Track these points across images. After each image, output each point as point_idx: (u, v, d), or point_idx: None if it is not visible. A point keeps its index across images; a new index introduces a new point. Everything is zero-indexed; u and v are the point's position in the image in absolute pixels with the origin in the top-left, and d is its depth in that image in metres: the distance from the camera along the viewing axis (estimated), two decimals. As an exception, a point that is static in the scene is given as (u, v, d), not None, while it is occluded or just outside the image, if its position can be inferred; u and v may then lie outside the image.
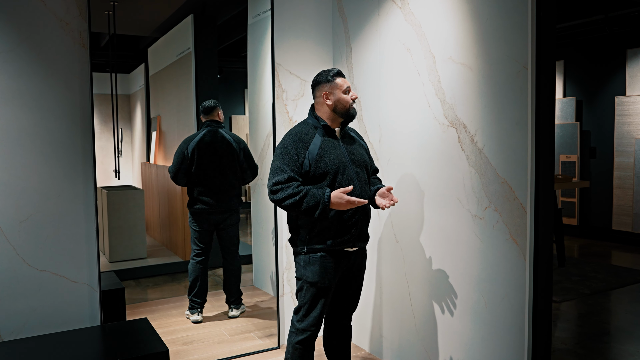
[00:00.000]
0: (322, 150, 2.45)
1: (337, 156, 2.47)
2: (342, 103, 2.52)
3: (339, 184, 2.44)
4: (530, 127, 2.24)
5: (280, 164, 2.43)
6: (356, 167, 2.53)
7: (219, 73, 6.91)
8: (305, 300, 2.51)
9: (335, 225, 2.46)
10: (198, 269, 4.18)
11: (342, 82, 2.52)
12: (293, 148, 2.44)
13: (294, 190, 2.37)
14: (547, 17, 2.24)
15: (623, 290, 4.99)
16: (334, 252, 2.50)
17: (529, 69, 2.23)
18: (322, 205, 2.34)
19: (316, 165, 2.43)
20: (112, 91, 6.94)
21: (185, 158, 4.11)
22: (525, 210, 2.28)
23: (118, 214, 6.13)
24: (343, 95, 2.52)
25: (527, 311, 2.31)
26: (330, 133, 2.53)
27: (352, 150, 2.56)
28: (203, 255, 4.20)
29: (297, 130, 2.52)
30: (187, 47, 6.17)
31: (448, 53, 2.64)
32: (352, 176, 2.48)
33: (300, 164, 2.43)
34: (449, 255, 2.70)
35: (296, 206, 2.37)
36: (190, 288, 4.20)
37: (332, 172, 2.44)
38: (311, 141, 2.47)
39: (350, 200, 2.34)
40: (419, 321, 2.93)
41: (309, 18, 3.44)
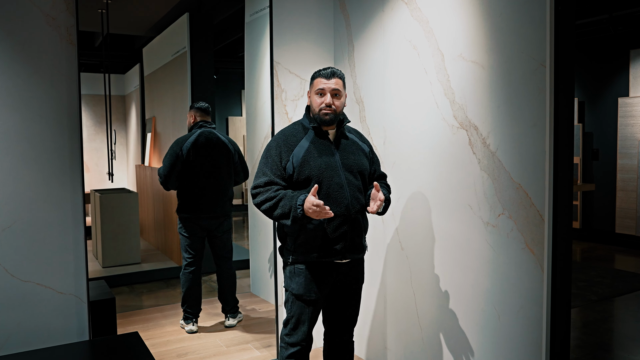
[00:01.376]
0: (308, 153, 2.30)
1: (325, 161, 2.30)
2: (313, 106, 2.36)
3: (325, 191, 2.27)
4: (548, 129, 2.10)
5: (262, 167, 2.34)
6: (348, 172, 2.34)
7: (215, 74, 6.77)
8: (292, 313, 2.39)
9: (320, 237, 2.29)
10: (190, 279, 3.98)
11: (316, 83, 2.35)
12: (276, 150, 2.33)
13: (271, 195, 2.26)
14: (567, 11, 2.09)
15: (630, 296, 4.86)
16: (321, 265, 2.34)
17: (547, 67, 2.08)
18: (293, 211, 2.18)
19: (300, 170, 2.28)
20: (106, 92, 6.79)
21: (179, 159, 3.84)
22: (543, 218, 2.13)
23: (111, 218, 5.98)
24: (314, 96, 2.35)
25: (544, 325, 2.16)
26: (322, 135, 2.36)
27: (346, 154, 2.37)
28: (195, 264, 3.99)
29: (285, 131, 2.40)
30: (182, 46, 6.03)
31: (458, 50, 2.49)
32: (342, 183, 2.29)
33: (283, 167, 2.29)
34: (459, 264, 2.55)
35: (271, 211, 2.25)
36: (184, 299, 4.02)
37: (317, 177, 2.27)
38: (297, 143, 2.33)
39: (314, 203, 2.11)
40: (426, 333, 2.78)
41: (309, 15, 3.29)
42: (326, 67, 2.37)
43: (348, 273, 2.42)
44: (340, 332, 2.53)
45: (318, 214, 2.14)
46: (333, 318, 2.51)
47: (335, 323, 2.51)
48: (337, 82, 2.34)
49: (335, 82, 2.33)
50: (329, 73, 2.33)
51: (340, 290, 2.45)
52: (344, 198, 2.29)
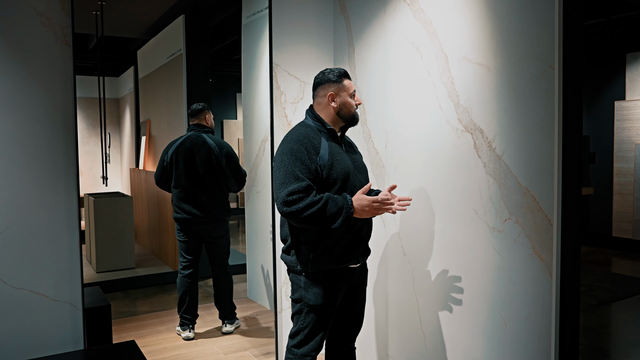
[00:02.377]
0: (332, 156, 2.24)
1: (345, 163, 2.30)
2: (348, 107, 2.35)
3: (349, 192, 2.25)
4: (557, 132, 2.05)
5: (293, 170, 2.14)
6: (360, 174, 2.37)
7: (210, 77, 6.71)
8: (306, 324, 2.28)
9: (345, 239, 2.25)
10: (186, 283, 3.92)
11: (349, 85, 2.36)
12: (305, 153, 2.17)
13: (314, 199, 2.10)
14: (575, 12, 2.05)
15: (630, 300, 4.84)
16: (339, 272, 2.29)
17: (556, 69, 2.04)
18: (345, 211, 2.12)
19: (329, 172, 2.21)
20: (100, 94, 6.71)
21: (164, 163, 3.88)
22: (552, 223, 2.08)
23: (105, 222, 5.90)
24: (349, 99, 2.35)
25: (553, 333, 2.11)
26: (335, 138, 2.35)
27: (354, 156, 2.42)
28: (191, 268, 3.93)
29: (303, 133, 2.26)
30: (178, 48, 5.96)
31: (462, 52, 2.44)
32: (356, 184, 2.31)
33: (315, 169, 2.18)
34: (464, 270, 2.49)
35: (319, 215, 2.09)
36: (180, 303, 3.95)
37: (342, 180, 2.24)
38: (320, 145, 2.24)
39: (376, 200, 2.14)
40: (430, 341, 2.72)
41: (309, 16, 3.24)
42: (339, 68, 2.37)
43: (358, 278, 2.41)
44: (346, 339, 2.48)
45: (379, 209, 2.15)
46: (340, 325, 2.45)
47: (342, 330, 2.46)
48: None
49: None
50: (349, 74, 2.40)
51: (350, 296, 2.41)
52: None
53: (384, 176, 3.01)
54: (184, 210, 3.83)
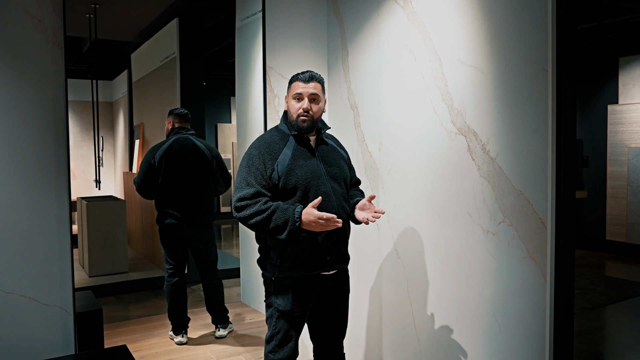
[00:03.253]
0: (293, 161, 2.17)
1: (311, 169, 2.19)
2: (290, 111, 2.24)
3: (307, 202, 2.15)
4: (550, 134, 2.05)
5: (246, 176, 2.14)
6: (333, 181, 2.25)
7: (204, 80, 6.69)
8: (278, 329, 2.25)
9: (309, 249, 2.18)
10: (173, 291, 3.85)
11: (294, 86, 2.23)
12: (260, 158, 2.15)
13: (261, 207, 2.07)
14: (569, 14, 2.05)
15: (623, 304, 4.84)
16: (308, 278, 2.23)
17: (549, 71, 2.04)
18: (290, 224, 2.05)
19: (286, 179, 2.14)
20: (93, 98, 6.68)
21: (151, 168, 3.72)
22: (546, 226, 2.08)
23: (98, 226, 5.85)
24: (292, 101, 2.23)
25: (547, 337, 2.10)
26: (303, 142, 2.24)
27: (329, 162, 2.28)
28: (177, 275, 3.85)
29: (265, 138, 2.23)
30: (171, 52, 5.94)
31: (456, 55, 2.44)
32: (328, 191, 2.20)
33: (269, 176, 2.14)
34: (458, 273, 2.48)
35: (263, 225, 2.07)
36: (169, 311, 3.90)
37: (303, 186, 2.15)
38: (281, 151, 2.18)
39: (322, 217, 2.01)
40: (424, 346, 2.71)
41: (302, 19, 3.23)
42: (304, 71, 2.25)
43: (334, 285, 2.32)
44: (331, 346, 2.41)
45: (326, 226, 2.04)
46: (323, 333, 2.38)
47: (325, 338, 2.39)
48: (315, 86, 2.22)
49: (314, 87, 2.21)
50: (307, 77, 2.21)
51: (328, 303, 2.34)
52: (331, 207, 2.20)
53: (377, 179, 3.00)
54: (172, 215, 3.74)
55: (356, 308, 3.21)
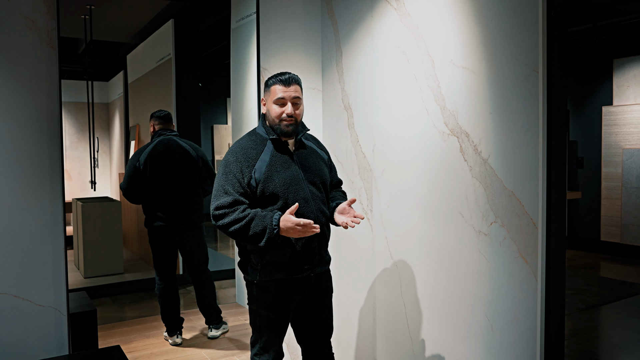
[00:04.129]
0: (270, 167, 2.14)
1: (289, 175, 2.17)
2: (271, 115, 2.19)
3: (287, 208, 2.14)
4: (541, 135, 2.06)
5: (222, 183, 2.11)
6: (312, 185, 2.23)
7: (200, 81, 6.69)
8: (262, 333, 2.25)
9: (290, 253, 2.18)
10: (164, 294, 3.84)
11: (275, 90, 2.17)
12: (237, 166, 2.12)
13: (238, 215, 2.06)
14: (559, 16, 2.07)
15: (617, 304, 4.87)
16: (290, 281, 2.22)
17: (540, 72, 2.05)
18: (268, 231, 2.04)
19: (264, 186, 2.12)
20: (88, 99, 6.67)
21: (136, 171, 3.68)
22: (536, 226, 2.09)
23: (93, 227, 5.85)
24: (273, 105, 2.18)
25: (538, 336, 2.11)
26: (281, 147, 2.21)
27: (308, 166, 2.25)
28: (166, 279, 3.84)
29: (242, 143, 2.18)
30: (167, 53, 5.95)
31: (448, 56, 2.46)
32: (307, 197, 2.19)
33: (247, 184, 2.11)
34: (450, 274, 2.50)
35: (242, 233, 2.05)
36: (162, 313, 3.90)
37: (282, 193, 2.14)
38: (258, 157, 2.15)
39: (299, 223, 2.01)
40: (417, 346, 2.72)
41: (296, 20, 3.24)
42: (283, 72, 2.20)
43: (317, 287, 2.32)
44: (318, 348, 2.41)
45: (304, 232, 2.03)
46: (309, 336, 2.38)
47: (311, 340, 2.39)
48: (296, 89, 2.19)
49: (295, 89, 2.18)
50: (287, 79, 2.17)
51: (311, 305, 2.34)
52: (310, 212, 2.18)
53: (371, 180, 3.01)
54: (160, 218, 3.72)
55: (350, 308, 3.22)
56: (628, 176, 7.07)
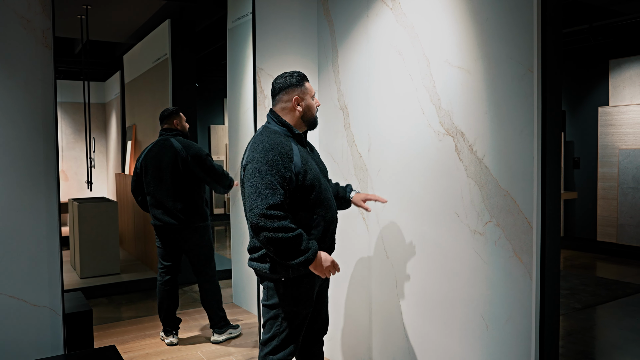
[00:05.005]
0: (304, 161, 2.20)
1: (315, 167, 2.28)
2: (311, 110, 2.33)
3: (322, 197, 2.24)
4: (536, 135, 2.07)
5: (269, 179, 2.07)
6: (324, 177, 2.37)
7: (197, 82, 6.69)
8: (283, 329, 2.25)
9: (327, 242, 2.29)
10: (163, 291, 3.85)
11: (310, 87, 2.34)
12: (280, 162, 2.11)
13: (290, 225, 2.05)
14: (554, 16, 2.07)
15: (613, 304, 4.87)
16: (314, 276, 2.26)
17: (535, 72, 2.06)
18: (308, 255, 2.08)
19: (303, 178, 2.17)
20: (85, 99, 6.67)
21: (137, 171, 3.86)
22: (531, 225, 2.10)
23: (90, 228, 5.84)
24: (312, 101, 2.34)
25: (533, 335, 2.12)
26: (301, 142, 2.31)
27: (317, 159, 2.40)
28: (168, 274, 3.86)
29: (274, 139, 2.18)
30: (163, 53, 5.94)
31: (444, 56, 2.46)
32: (327, 188, 2.32)
33: (288, 177, 2.13)
34: (446, 273, 2.50)
35: (284, 243, 2.04)
36: (159, 310, 3.90)
37: (317, 184, 2.22)
38: (292, 152, 2.19)
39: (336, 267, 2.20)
40: (413, 344, 2.72)
41: (292, 20, 3.24)
42: (296, 72, 2.35)
43: (325, 281, 2.43)
44: (315, 340, 2.46)
45: (328, 272, 2.17)
46: (311, 327, 2.44)
47: (312, 332, 2.45)
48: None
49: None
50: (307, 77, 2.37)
51: (319, 297, 2.42)
52: (332, 202, 2.31)
53: (367, 180, 3.01)
54: (156, 217, 3.76)
55: (346, 308, 3.22)
56: (624, 176, 7.08)
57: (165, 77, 5.88)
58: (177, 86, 5.78)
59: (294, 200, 2.16)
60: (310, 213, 2.20)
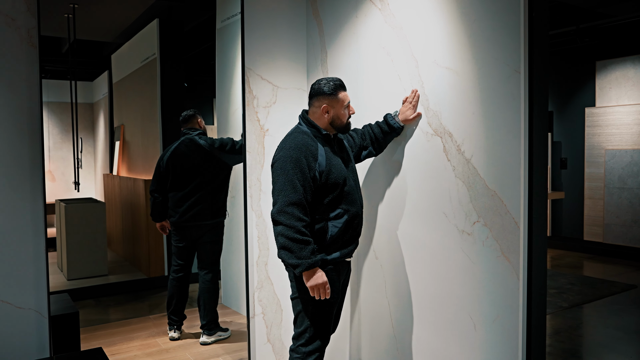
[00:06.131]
0: (329, 161, 2.34)
1: (341, 166, 2.40)
2: (341, 118, 2.44)
3: (343, 195, 2.37)
4: (523, 135, 2.08)
5: (292, 178, 2.24)
6: (352, 174, 2.48)
7: (187, 82, 6.65)
8: (315, 318, 2.36)
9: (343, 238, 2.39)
10: (174, 286, 3.97)
11: (343, 97, 2.43)
12: (304, 162, 2.27)
13: (303, 229, 2.21)
14: (540, 17, 2.09)
15: (600, 302, 4.92)
16: (340, 264, 2.42)
17: (522, 73, 2.07)
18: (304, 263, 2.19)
19: (327, 177, 2.32)
20: (72, 99, 6.60)
21: (160, 170, 3.92)
22: (518, 225, 2.11)
23: (77, 229, 5.79)
24: (343, 111, 2.44)
25: (520, 335, 2.13)
26: (329, 141, 2.43)
27: (345, 157, 2.49)
28: (181, 272, 3.98)
29: (301, 140, 2.34)
30: (152, 52, 5.90)
31: (432, 57, 2.47)
32: (353, 184, 2.43)
33: (312, 177, 2.28)
34: (434, 273, 2.51)
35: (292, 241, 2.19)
36: (167, 304, 4.02)
37: (341, 183, 2.35)
38: (317, 152, 2.33)
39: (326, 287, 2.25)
40: (401, 344, 2.73)
41: (281, 20, 3.24)
42: (336, 79, 2.42)
43: (347, 272, 2.54)
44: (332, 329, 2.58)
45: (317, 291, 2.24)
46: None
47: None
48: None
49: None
50: (344, 85, 2.46)
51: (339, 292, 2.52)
52: (356, 198, 2.43)
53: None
54: (181, 214, 3.84)
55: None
56: (610, 176, 7.16)
57: (154, 77, 5.85)
58: (166, 86, 5.75)
59: (319, 196, 2.32)
60: (333, 207, 2.35)
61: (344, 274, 2.48)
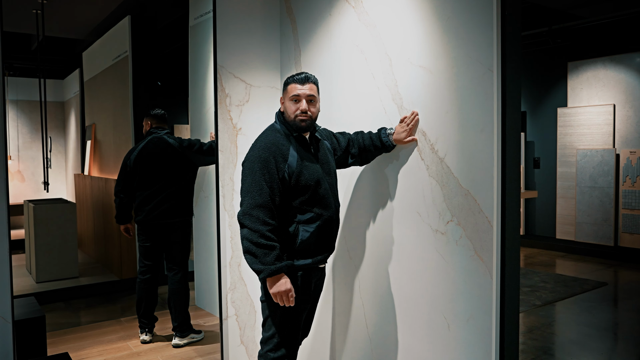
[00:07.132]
0: (300, 163, 2.24)
1: (315, 169, 2.30)
2: (288, 112, 2.31)
3: (320, 196, 2.28)
4: (496, 134, 2.08)
5: (259, 180, 2.16)
6: (328, 176, 2.38)
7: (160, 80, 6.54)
8: (283, 323, 2.29)
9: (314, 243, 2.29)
10: (142, 289, 3.88)
11: (291, 88, 2.29)
12: (272, 162, 2.19)
13: (268, 233, 2.14)
14: (513, 16, 2.09)
15: (572, 300, 4.99)
16: (313, 270, 2.34)
17: (494, 72, 2.07)
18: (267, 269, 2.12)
19: (297, 179, 2.23)
20: (41, 97, 6.44)
21: (126, 169, 3.83)
22: (491, 224, 2.11)
23: (46, 230, 5.64)
24: (289, 102, 2.30)
25: (494, 333, 2.13)
26: (303, 143, 2.33)
27: (322, 158, 2.39)
28: (149, 273, 3.88)
29: (272, 139, 2.25)
30: (124, 50, 5.78)
31: (405, 55, 2.45)
32: (327, 188, 2.33)
33: (280, 178, 2.20)
34: (408, 273, 2.49)
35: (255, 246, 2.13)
36: (137, 307, 3.93)
37: (313, 186, 2.26)
38: (289, 152, 2.24)
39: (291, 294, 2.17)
40: (376, 345, 2.71)
41: (254, 18, 3.19)
42: (299, 73, 2.31)
43: (320, 278, 2.44)
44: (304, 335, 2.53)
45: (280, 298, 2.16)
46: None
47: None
48: (311, 87, 2.30)
49: (310, 88, 2.29)
50: (302, 78, 2.28)
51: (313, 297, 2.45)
52: (331, 202, 2.33)
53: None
54: (147, 213, 3.76)
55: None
56: (582, 176, 7.28)
57: (126, 75, 5.73)
58: (138, 84, 5.64)
59: (288, 198, 2.23)
60: (304, 210, 2.26)
61: (315, 280, 2.39)
